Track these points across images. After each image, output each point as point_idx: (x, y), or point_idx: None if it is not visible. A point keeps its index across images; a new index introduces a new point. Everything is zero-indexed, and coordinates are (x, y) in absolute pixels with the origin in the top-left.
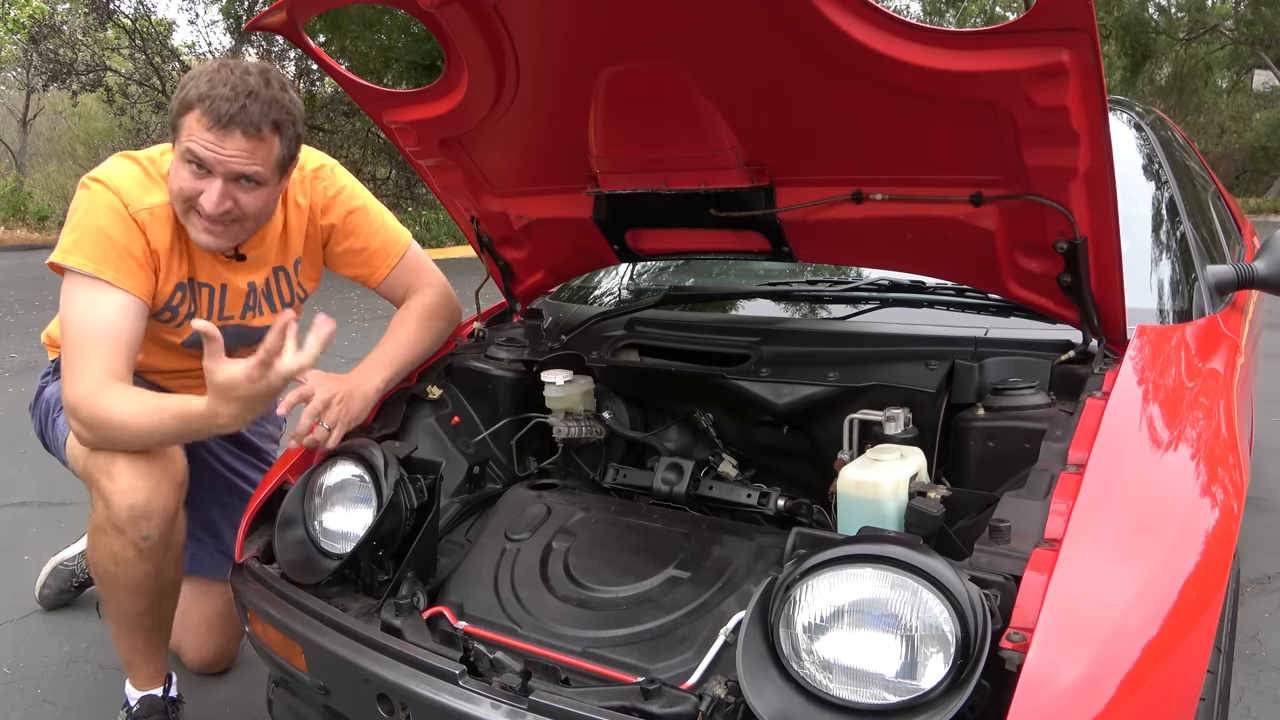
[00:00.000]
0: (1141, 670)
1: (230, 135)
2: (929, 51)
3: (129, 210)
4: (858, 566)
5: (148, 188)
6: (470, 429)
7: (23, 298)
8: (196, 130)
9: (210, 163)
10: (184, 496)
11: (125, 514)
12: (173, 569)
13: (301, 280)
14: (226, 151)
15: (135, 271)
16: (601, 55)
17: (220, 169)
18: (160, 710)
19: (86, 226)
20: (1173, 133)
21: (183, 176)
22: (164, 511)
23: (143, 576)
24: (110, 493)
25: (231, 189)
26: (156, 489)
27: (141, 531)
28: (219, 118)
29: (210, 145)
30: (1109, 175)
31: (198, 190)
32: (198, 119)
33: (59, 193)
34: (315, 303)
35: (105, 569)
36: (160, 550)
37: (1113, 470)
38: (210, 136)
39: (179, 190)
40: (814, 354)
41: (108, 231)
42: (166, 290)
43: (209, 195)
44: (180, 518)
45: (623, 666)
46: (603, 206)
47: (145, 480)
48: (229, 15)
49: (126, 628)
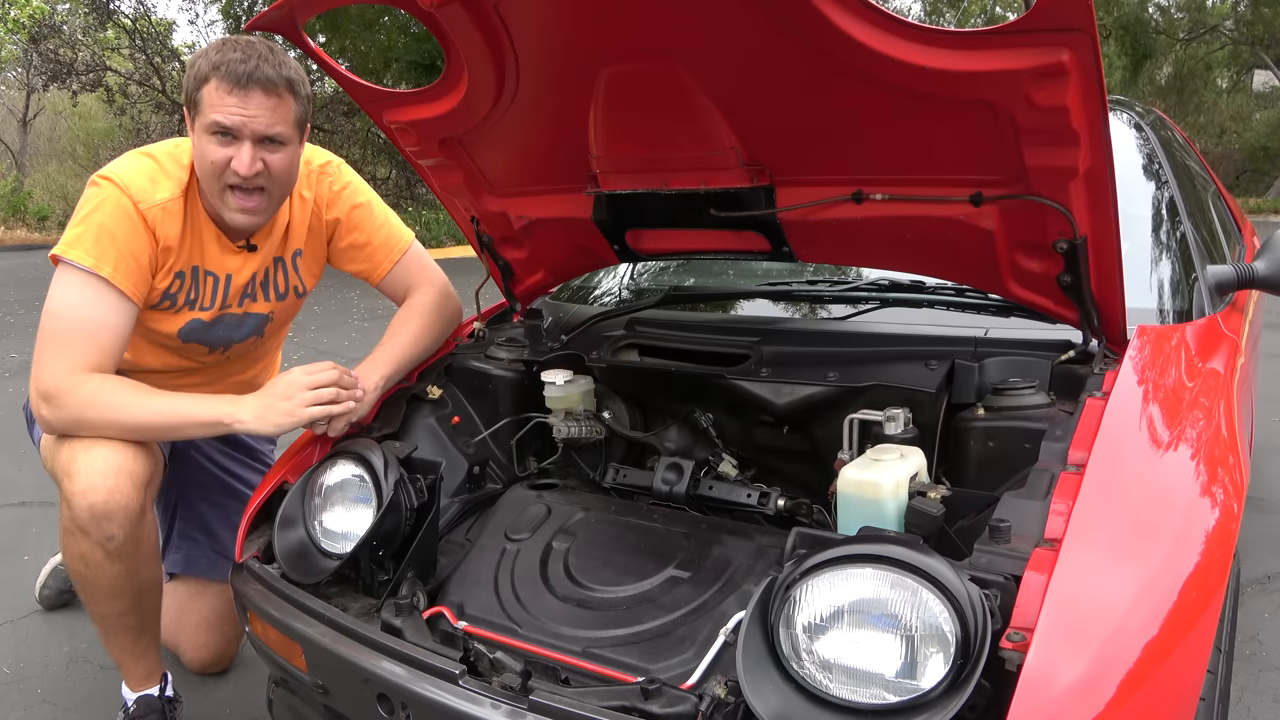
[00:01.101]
0: (1141, 670)
1: (251, 94)
2: (929, 51)
3: (139, 209)
4: (858, 566)
5: (158, 182)
6: (470, 429)
7: (23, 298)
8: (217, 98)
9: (236, 127)
10: (152, 495)
11: (86, 514)
12: (147, 567)
13: (300, 274)
14: (249, 111)
15: (133, 273)
16: (601, 55)
17: (246, 131)
18: (157, 710)
19: (92, 223)
20: (1173, 133)
21: (210, 150)
22: (125, 510)
23: (114, 577)
24: (71, 493)
25: (259, 151)
26: (116, 488)
27: (105, 531)
28: (237, 78)
29: (233, 109)
30: (1109, 175)
31: (227, 158)
32: (215, 86)
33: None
34: (315, 303)
35: (78, 571)
36: (130, 550)
37: (1113, 470)
38: (232, 100)
39: (210, 165)
40: (814, 354)
41: (113, 231)
42: (164, 284)
43: (240, 158)
44: (149, 516)
45: (623, 666)
46: (603, 206)
47: (104, 479)
48: (229, 15)
49: (110, 630)
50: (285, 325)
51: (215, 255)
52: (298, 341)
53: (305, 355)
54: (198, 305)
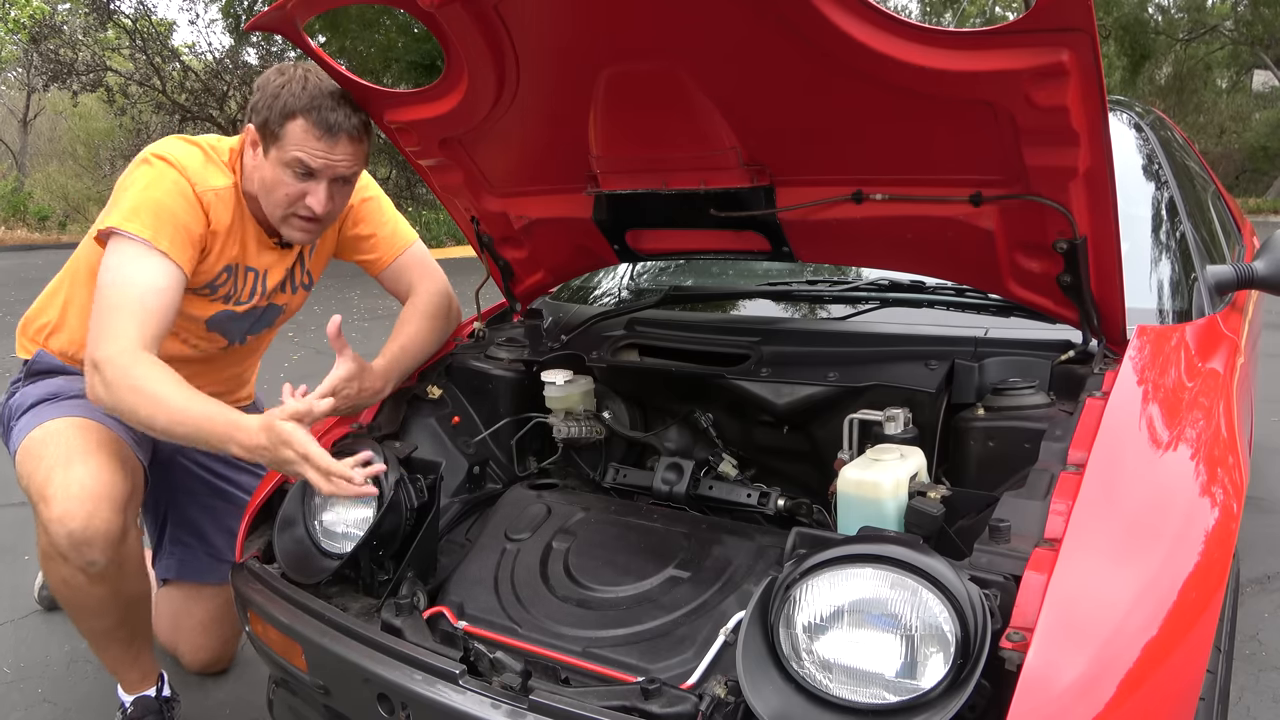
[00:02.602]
0: (1141, 670)
1: (338, 141)
2: (929, 51)
3: (195, 189)
4: (858, 566)
5: (209, 170)
6: (470, 429)
7: (23, 298)
8: (305, 140)
9: (319, 170)
10: (134, 513)
11: (65, 541)
12: (133, 583)
13: (310, 267)
14: (335, 157)
15: (187, 248)
16: (601, 55)
17: (327, 173)
18: (155, 710)
19: (147, 198)
20: (1173, 133)
21: (285, 182)
22: (105, 535)
23: (100, 598)
24: (47, 520)
25: (332, 189)
26: (95, 513)
27: (86, 557)
28: (330, 127)
29: (320, 154)
30: (1109, 175)
31: (303, 193)
32: (304, 128)
33: (59, 193)
34: (315, 303)
35: (61, 594)
36: (113, 572)
37: (1112, 470)
38: (321, 146)
39: (284, 196)
40: (814, 354)
41: (170, 207)
42: (215, 269)
43: (317, 198)
44: (132, 535)
45: (623, 666)
46: (603, 206)
47: (80, 505)
48: (229, 15)
49: (100, 643)
50: (290, 317)
51: (255, 252)
52: (298, 342)
53: (305, 355)
54: (234, 300)
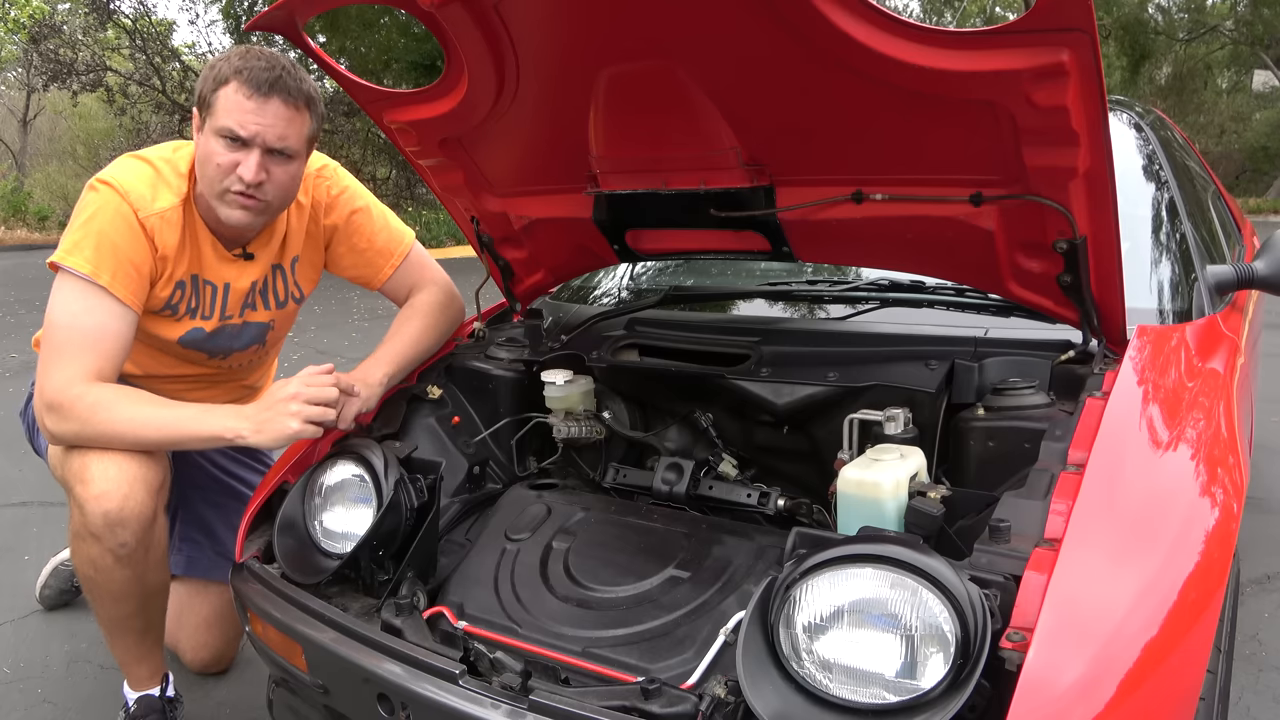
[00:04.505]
0: (1141, 670)
1: (269, 103)
2: (929, 51)
3: (138, 216)
4: (858, 566)
5: (157, 190)
6: (470, 429)
7: (23, 297)
8: (234, 103)
9: (249, 136)
10: (163, 501)
11: (100, 520)
12: (155, 572)
13: (298, 280)
14: (265, 120)
15: (132, 280)
16: (601, 55)
17: (258, 140)
18: (158, 710)
19: (91, 230)
20: (1173, 133)
21: (217, 153)
22: (139, 518)
23: (124, 582)
24: (84, 499)
25: (266, 161)
26: (130, 494)
27: (118, 538)
28: (259, 85)
29: (249, 115)
30: (1109, 175)
31: (234, 162)
32: (235, 90)
33: (59, 193)
34: (315, 303)
35: (86, 575)
36: (140, 555)
37: (1113, 470)
38: (250, 105)
39: (215, 168)
40: (814, 354)
41: (113, 238)
42: (165, 293)
43: (247, 165)
44: (160, 522)
45: (623, 666)
46: (603, 206)
47: (118, 486)
48: (229, 15)
49: (115, 631)
50: (286, 332)
51: (213, 265)
52: (298, 341)
53: (305, 355)
54: (199, 314)
